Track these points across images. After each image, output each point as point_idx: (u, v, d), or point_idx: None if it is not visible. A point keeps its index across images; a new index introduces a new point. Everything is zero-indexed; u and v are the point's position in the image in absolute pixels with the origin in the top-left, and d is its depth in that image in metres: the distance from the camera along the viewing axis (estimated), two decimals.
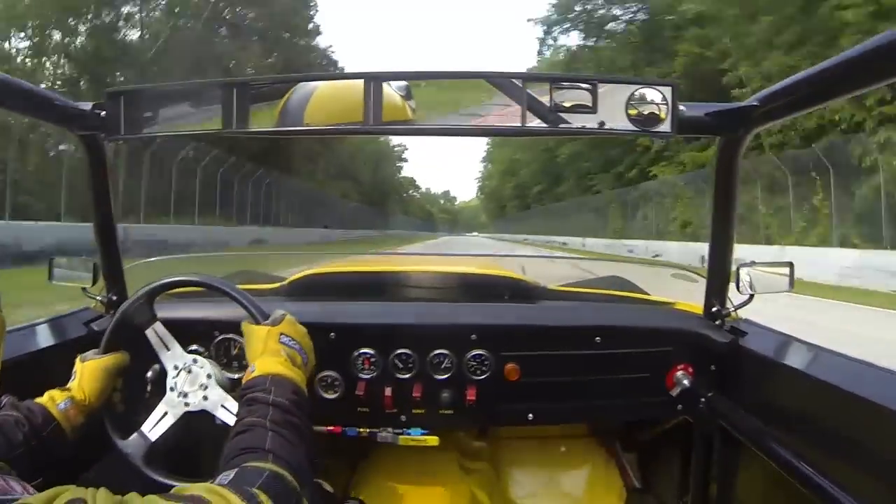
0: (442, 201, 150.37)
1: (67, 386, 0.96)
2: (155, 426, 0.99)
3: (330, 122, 0.95)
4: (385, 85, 0.92)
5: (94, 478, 1.03)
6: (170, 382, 1.00)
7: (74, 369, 0.99)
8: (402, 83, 0.94)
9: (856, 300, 8.42)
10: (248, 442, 0.71)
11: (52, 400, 0.90)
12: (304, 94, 0.95)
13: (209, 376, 1.01)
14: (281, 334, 0.90)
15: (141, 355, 1.13)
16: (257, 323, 0.94)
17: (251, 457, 0.68)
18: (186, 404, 0.99)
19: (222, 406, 0.99)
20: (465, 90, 0.97)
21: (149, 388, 1.13)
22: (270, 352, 0.87)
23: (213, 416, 0.99)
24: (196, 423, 1.01)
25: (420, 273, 1.68)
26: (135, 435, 0.99)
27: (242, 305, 0.99)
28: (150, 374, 1.16)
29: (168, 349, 1.03)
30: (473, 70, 0.92)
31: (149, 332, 1.03)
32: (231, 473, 0.62)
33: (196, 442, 1.03)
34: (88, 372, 0.96)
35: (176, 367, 1.01)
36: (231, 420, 0.95)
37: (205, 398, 0.99)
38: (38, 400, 0.90)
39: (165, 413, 0.99)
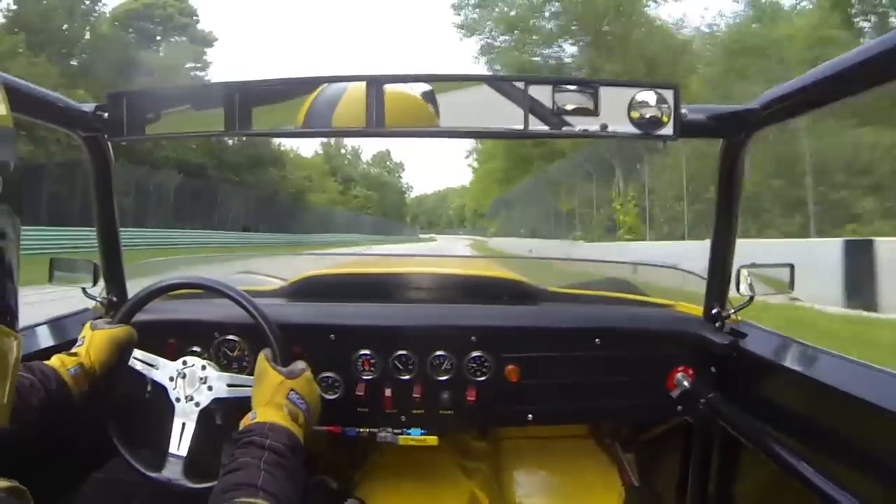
0: (373, 169, 76.17)
1: (74, 351, 0.96)
2: (181, 442, 0.99)
3: (345, 125, 0.95)
4: (407, 87, 0.93)
5: (103, 478, 1.03)
6: (173, 395, 1.00)
7: (82, 334, 0.99)
8: (425, 86, 0.94)
9: None
10: (240, 479, 0.72)
11: (63, 365, 0.91)
12: (333, 96, 0.94)
13: (203, 367, 1.01)
14: (291, 390, 0.90)
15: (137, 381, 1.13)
16: (275, 361, 0.94)
17: (242, 493, 0.69)
18: (197, 405, 0.99)
19: (228, 385, 1.00)
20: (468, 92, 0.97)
21: (149, 388, 1.13)
22: (275, 404, 0.87)
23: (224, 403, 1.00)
24: (209, 418, 1.02)
25: (420, 275, 1.68)
26: (168, 460, 0.99)
27: (267, 338, 0.99)
28: (147, 395, 1.15)
29: (157, 367, 1.03)
30: (476, 73, 0.92)
31: (132, 363, 1.03)
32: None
33: (217, 432, 1.03)
34: (97, 341, 0.97)
35: (171, 378, 1.01)
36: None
37: (209, 388, 1.00)
38: (49, 363, 0.90)
39: (184, 424, 0.99)
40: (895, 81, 0.66)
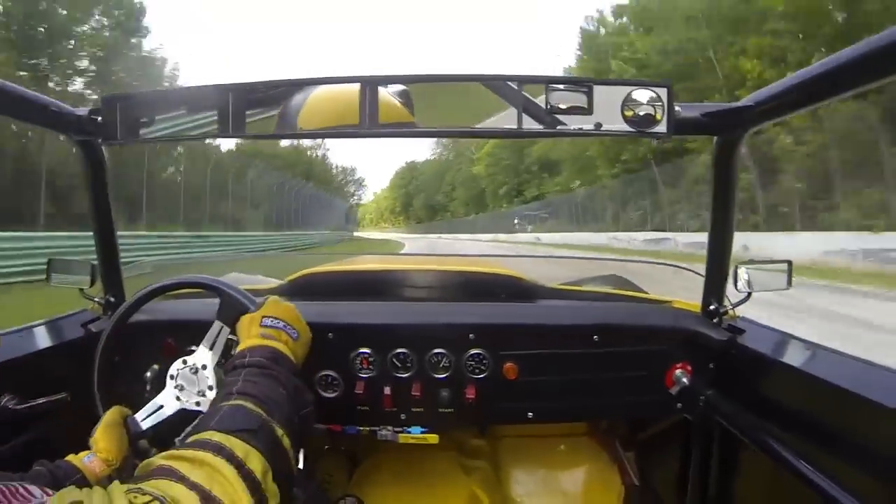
0: None
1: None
2: (148, 417, 0.98)
3: (326, 125, 0.96)
4: (383, 89, 0.93)
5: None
6: (191, 406, 0.99)
7: (90, 445, 0.94)
8: (401, 87, 0.94)
9: None
10: (220, 394, 0.75)
11: (77, 457, 0.89)
12: (300, 97, 0.95)
13: (184, 362, 1.01)
14: (263, 318, 0.93)
15: (140, 356, 1.13)
16: (246, 313, 0.97)
17: (218, 401, 0.72)
18: (210, 388, 0.99)
19: (209, 349, 1.00)
20: (462, 92, 0.97)
21: (148, 387, 1.13)
22: (251, 336, 0.90)
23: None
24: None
25: (418, 272, 1.68)
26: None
27: (231, 296, 1.01)
28: (148, 374, 1.16)
29: (163, 406, 1.00)
30: (469, 73, 0.92)
31: (143, 425, 0.99)
32: (189, 427, 0.68)
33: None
34: (99, 436, 0.94)
35: (178, 398, 1.00)
36: (225, 339, 1.01)
37: (204, 367, 1.00)
38: (65, 459, 0.88)
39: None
40: (885, 79, 0.66)
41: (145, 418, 0.99)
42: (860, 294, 8.08)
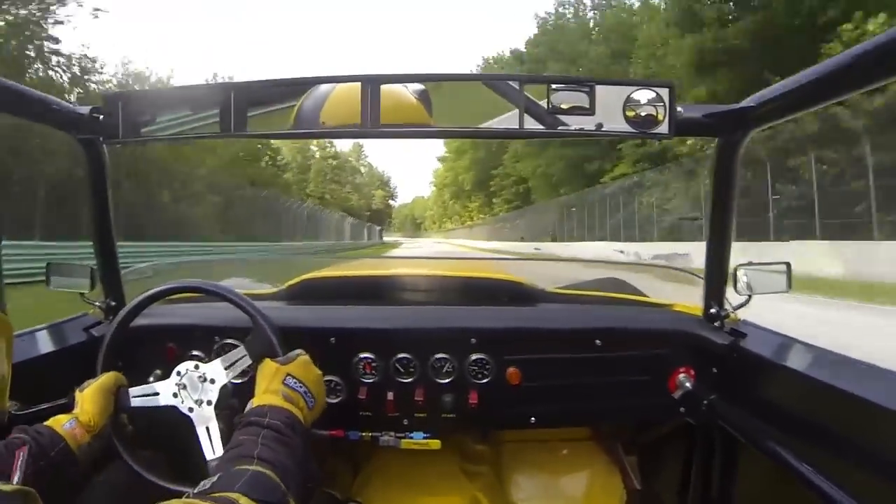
0: None
1: (72, 413, 0.95)
2: (213, 445, 0.97)
3: (338, 124, 0.95)
4: (401, 87, 0.93)
5: (105, 479, 1.03)
6: (184, 409, 0.98)
7: (76, 399, 0.97)
8: (420, 87, 0.95)
9: None
10: (238, 452, 0.74)
11: (58, 422, 0.91)
12: (320, 95, 0.95)
13: (196, 367, 1.00)
14: (287, 375, 0.91)
15: (142, 361, 1.12)
16: (274, 356, 0.96)
17: (238, 461, 0.71)
18: (209, 403, 0.98)
19: (225, 368, 0.99)
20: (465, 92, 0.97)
21: (174, 436, 1.11)
22: (271, 391, 0.89)
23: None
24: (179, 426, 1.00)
25: (419, 277, 1.68)
26: (210, 466, 0.96)
27: (266, 334, 0.99)
28: (151, 378, 1.15)
29: (158, 393, 1.00)
30: (471, 72, 0.92)
31: (133, 403, 1.00)
32: (214, 478, 0.65)
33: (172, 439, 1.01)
34: (87, 395, 0.96)
35: (175, 395, 0.99)
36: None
37: (212, 381, 0.99)
38: (45, 423, 0.90)
39: (208, 428, 0.97)
40: (887, 79, 0.66)
41: (137, 396, 0.99)
42: None
